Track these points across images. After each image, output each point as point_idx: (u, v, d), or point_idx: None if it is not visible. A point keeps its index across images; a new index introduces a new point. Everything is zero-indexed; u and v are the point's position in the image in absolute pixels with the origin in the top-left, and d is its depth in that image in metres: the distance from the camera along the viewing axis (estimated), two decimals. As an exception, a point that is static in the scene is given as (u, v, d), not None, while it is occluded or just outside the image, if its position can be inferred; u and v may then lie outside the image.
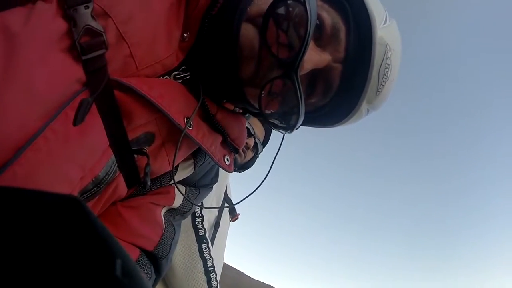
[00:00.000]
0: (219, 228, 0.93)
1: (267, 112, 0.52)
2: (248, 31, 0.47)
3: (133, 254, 0.53)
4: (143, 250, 0.54)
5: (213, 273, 0.79)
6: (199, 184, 0.67)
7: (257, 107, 0.51)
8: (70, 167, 0.40)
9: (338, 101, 0.54)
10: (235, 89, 0.51)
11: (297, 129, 0.56)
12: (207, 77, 0.52)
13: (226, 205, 0.97)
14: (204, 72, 0.52)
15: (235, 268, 3.71)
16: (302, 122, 0.56)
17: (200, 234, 0.78)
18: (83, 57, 0.39)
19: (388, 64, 0.51)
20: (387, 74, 0.52)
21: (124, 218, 0.54)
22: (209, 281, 0.78)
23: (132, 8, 0.44)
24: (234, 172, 1.12)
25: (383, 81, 0.52)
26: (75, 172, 0.41)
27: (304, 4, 0.44)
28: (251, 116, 0.66)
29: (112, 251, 0.24)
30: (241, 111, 0.62)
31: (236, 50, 0.48)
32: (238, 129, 0.61)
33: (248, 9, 0.49)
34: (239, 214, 1.07)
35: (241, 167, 1.10)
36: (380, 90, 0.52)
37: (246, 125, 0.69)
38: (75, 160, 0.41)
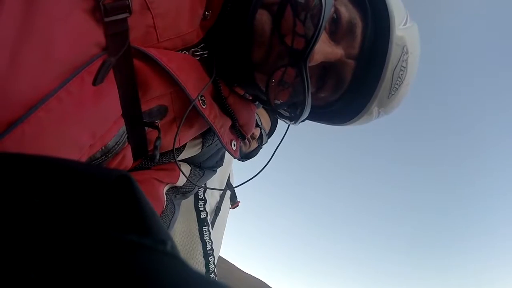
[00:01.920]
0: (220, 213, 0.94)
1: (274, 100, 0.52)
2: (262, 17, 0.48)
3: None
4: None
5: (211, 257, 0.80)
6: (204, 166, 0.67)
7: (265, 93, 0.51)
8: (81, 132, 0.40)
9: (348, 99, 0.54)
10: (246, 73, 0.51)
11: (302, 121, 0.56)
12: (222, 58, 0.52)
13: (230, 188, 0.97)
14: (220, 53, 0.52)
15: (226, 260, 3.73)
16: (310, 117, 0.57)
17: (201, 217, 0.78)
18: (106, 19, 0.38)
19: (404, 67, 0.51)
20: (402, 76, 0.51)
21: None
22: (207, 264, 0.79)
23: None
24: (237, 160, 1.13)
25: (397, 83, 0.51)
26: (85, 138, 0.41)
27: None
28: (260, 105, 0.66)
29: (163, 231, 0.24)
30: (250, 98, 0.62)
31: (250, 34, 0.48)
32: (248, 115, 0.61)
33: None
34: (239, 202, 1.07)
35: (245, 156, 1.10)
36: (393, 92, 0.52)
37: None
38: (87, 125, 0.40)
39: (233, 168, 1.13)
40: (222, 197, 0.96)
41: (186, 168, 0.62)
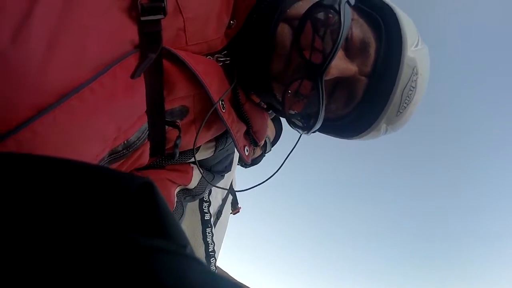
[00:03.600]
0: (221, 217, 0.96)
1: (289, 110, 0.55)
2: (284, 30, 0.51)
3: None
4: None
5: (213, 258, 0.81)
6: (214, 170, 0.69)
7: (281, 103, 0.53)
8: (108, 124, 0.41)
9: (358, 114, 0.56)
10: (264, 82, 0.54)
11: (314, 132, 0.58)
12: (242, 66, 0.54)
13: (232, 193, 0.99)
14: (240, 61, 0.54)
15: (219, 267, 3.69)
16: (321, 129, 0.59)
17: (205, 218, 0.80)
18: (142, 18, 0.40)
19: (413, 87, 0.53)
20: (411, 96, 0.53)
21: None
22: (208, 266, 0.81)
23: None
24: (240, 166, 1.15)
25: (406, 102, 0.53)
26: (111, 130, 0.42)
27: (338, 14, 0.47)
28: (273, 114, 0.68)
29: (183, 236, 0.25)
30: (265, 106, 0.64)
31: (271, 45, 0.51)
32: (261, 123, 0.63)
33: (288, 10, 0.52)
34: (240, 207, 1.09)
35: (248, 163, 1.12)
36: (401, 111, 0.54)
37: None
38: (115, 118, 0.41)
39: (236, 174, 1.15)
40: (224, 201, 0.98)
41: (198, 172, 0.64)
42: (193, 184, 0.63)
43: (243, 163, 1.10)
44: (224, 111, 0.52)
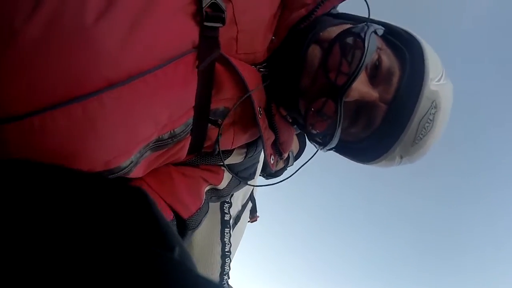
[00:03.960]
0: (239, 223, 0.98)
1: (310, 126, 0.58)
2: (314, 51, 0.55)
3: (168, 216, 0.57)
4: (177, 216, 0.58)
5: (228, 259, 0.83)
6: (240, 175, 0.72)
7: (303, 118, 0.57)
8: (163, 110, 0.45)
9: (375, 140, 0.58)
10: (292, 97, 0.58)
11: (329, 149, 0.62)
12: (277, 79, 0.59)
13: (253, 201, 1.02)
14: (276, 74, 0.59)
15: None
16: (337, 149, 0.63)
17: (225, 219, 0.83)
18: (205, 23, 0.45)
19: (431, 120, 0.54)
20: (427, 128, 0.54)
21: (174, 180, 0.58)
22: (223, 265, 0.82)
23: (248, 4, 0.52)
24: (261, 177, 1.18)
25: (422, 134, 0.55)
26: (164, 117, 0.46)
27: (363, 41, 0.51)
28: (298, 130, 0.72)
29: (172, 239, 0.27)
30: (290, 121, 0.68)
31: (302, 63, 0.55)
32: (287, 135, 0.67)
33: (321, 33, 0.57)
34: (258, 216, 1.11)
35: (269, 174, 1.15)
36: (417, 141, 0.55)
37: None
38: (169, 106, 0.46)
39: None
40: (244, 207, 1.00)
41: (228, 175, 0.68)
42: (222, 185, 0.67)
43: (265, 173, 1.13)
44: (260, 117, 0.56)
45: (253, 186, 0.89)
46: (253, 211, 1.09)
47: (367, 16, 0.60)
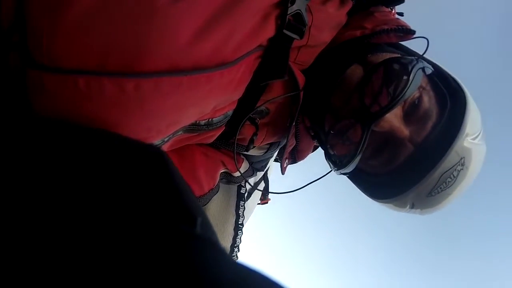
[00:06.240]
0: (248, 200, 0.99)
1: (330, 145, 0.57)
2: (356, 70, 0.54)
3: None
4: None
5: (240, 231, 0.84)
6: (253, 166, 0.76)
7: (325, 135, 0.56)
8: (212, 103, 0.45)
9: (391, 179, 0.57)
10: (320, 110, 0.58)
11: (343, 174, 0.61)
12: (310, 89, 0.58)
13: (265, 181, 1.03)
14: (311, 83, 0.59)
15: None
16: (351, 176, 0.62)
17: (241, 191, 0.85)
18: (284, 31, 0.44)
19: (454, 176, 0.52)
20: (448, 183, 0.52)
21: (195, 159, 0.59)
22: (235, 237, 0.83)
23: (326, 25, 0.52)
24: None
25: (440, 187, 0.52)
26: (210, 107, 0.46)
27: (409, 74, 0.49)
28: (318, 145, 0.72)
29: (194, 208, 0.26)
30: (312, 134, 0.68)
31: (340, 80, 0.54)
32: (306, 145, 0.69)
33: (368, 55, 0.55)
34: (269, 199, 1.12)
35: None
36: (433, 194, 0.53)
37: None
38: (218, 99, 0.45)
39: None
40: (256, 185, 1.02)
41: (245, 164, 0.70)
42: (238, 173, 0.68)
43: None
44: (294, 123, 0.57)
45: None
46: (265, 192, 1.10)
47: (421, 53, 0.58)
